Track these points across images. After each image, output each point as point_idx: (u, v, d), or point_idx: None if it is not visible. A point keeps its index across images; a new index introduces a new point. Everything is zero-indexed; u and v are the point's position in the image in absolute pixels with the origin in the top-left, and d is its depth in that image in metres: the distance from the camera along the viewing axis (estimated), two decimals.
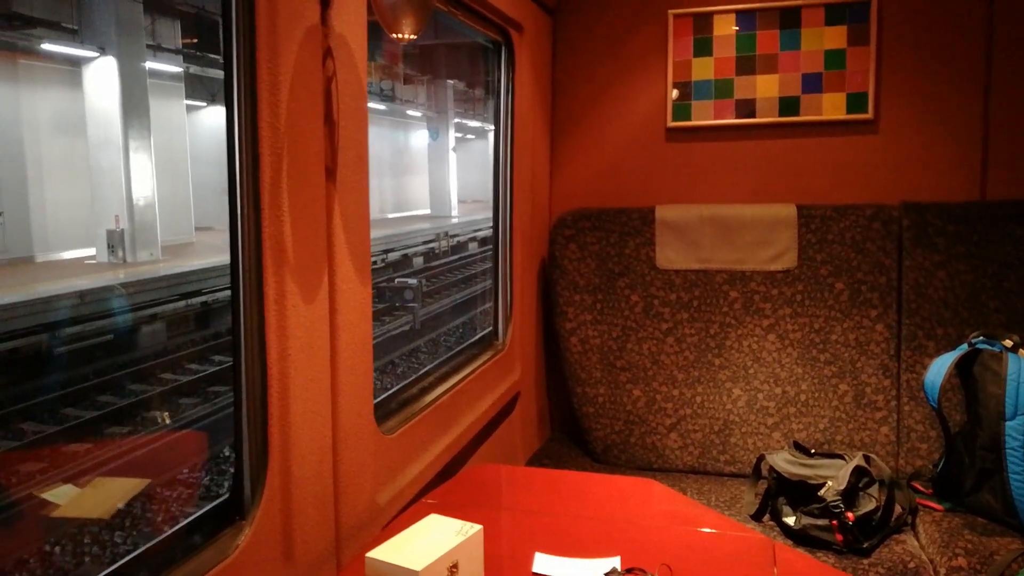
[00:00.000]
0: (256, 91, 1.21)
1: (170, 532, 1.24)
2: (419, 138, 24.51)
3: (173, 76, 14.42)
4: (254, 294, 1.25)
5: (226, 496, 1.27)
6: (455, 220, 21.85)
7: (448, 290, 12.79)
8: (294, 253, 1.27)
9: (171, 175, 14.24)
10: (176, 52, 14.16)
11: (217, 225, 18.15)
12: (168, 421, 6.64)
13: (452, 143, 22.92)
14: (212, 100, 18.03)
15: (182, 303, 9.88)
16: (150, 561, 1.16)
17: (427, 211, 23.52)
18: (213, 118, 17.96)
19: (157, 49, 13.28)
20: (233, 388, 1.28)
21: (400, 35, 1.32)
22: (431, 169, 23.43)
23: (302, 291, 1.30)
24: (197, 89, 16.98)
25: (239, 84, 1.21)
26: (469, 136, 29.52)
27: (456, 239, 18.37)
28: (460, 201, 28.19)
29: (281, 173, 1.24)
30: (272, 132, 1.22)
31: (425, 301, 11.24)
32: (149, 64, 12.57)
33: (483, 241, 19.37)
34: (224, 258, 11.63)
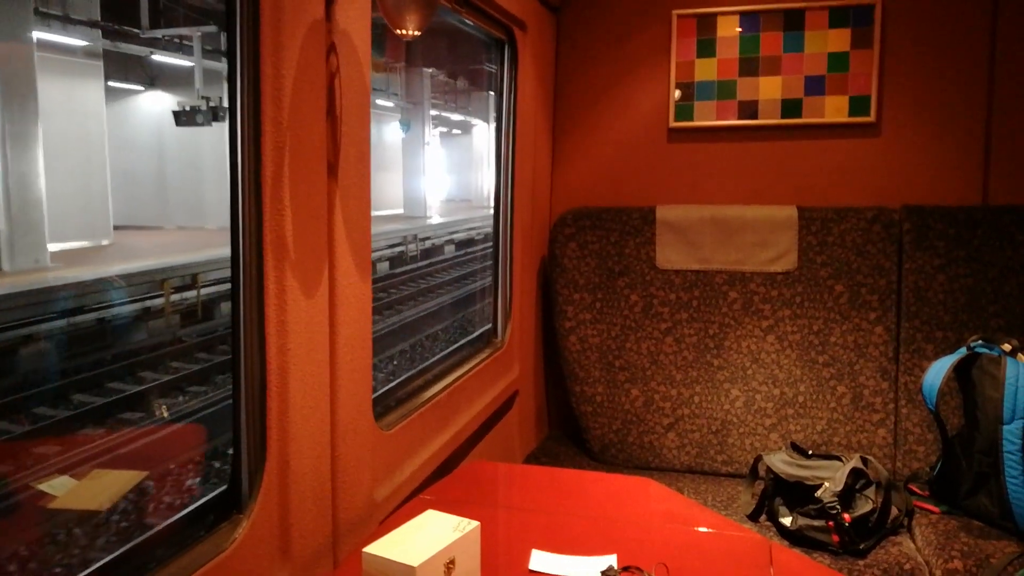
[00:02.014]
0: (259, 85, 1.21)
1: (166, 525, 1.24)
2: (393, 131, 22.33)
3: (89, 53, 12.26)
4: (254, 288, 1.25)
5: (223, 489, 1.28)
6: (432, 221, 20.11)
7: (407, 303, 11.05)
8: (295, 248, 1.27)
9: (84, 167, 12.38)
10: (92, 25, 11.82)
11: (167, 224, 16.20)
12: None
13: (427, 137, 21.01)
14: (152, 84, 16.13)
15: (63, 321, 8.07)
16: (146, 555, 1.16)
17: (400, 211, 21.61)
18: (153, 104, 16.13)
19: (67, 21, 11.29)
20: (232, 382, 1.28)
21: (404, 31, 1.33)
22: (405, 165, 21.46)
23: (302, 286, 1.30)
24: (134, 71, 15.36)
25: (242, 78, 1.22)
26: (456, 131, 28.09)
27: (430, 242, 16.86)
28: (447, 199, 26.30)
29: (283, 168, 1.24)
30: (275, 127, 1.22)
31: (376, 317, 10.01)
32: (48, 37, 10.66)
33: (460, 244, 17.82)
34: (142, 263, 10.05)
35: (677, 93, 2.71)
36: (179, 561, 1.13)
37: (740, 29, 2.64)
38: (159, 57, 13.98)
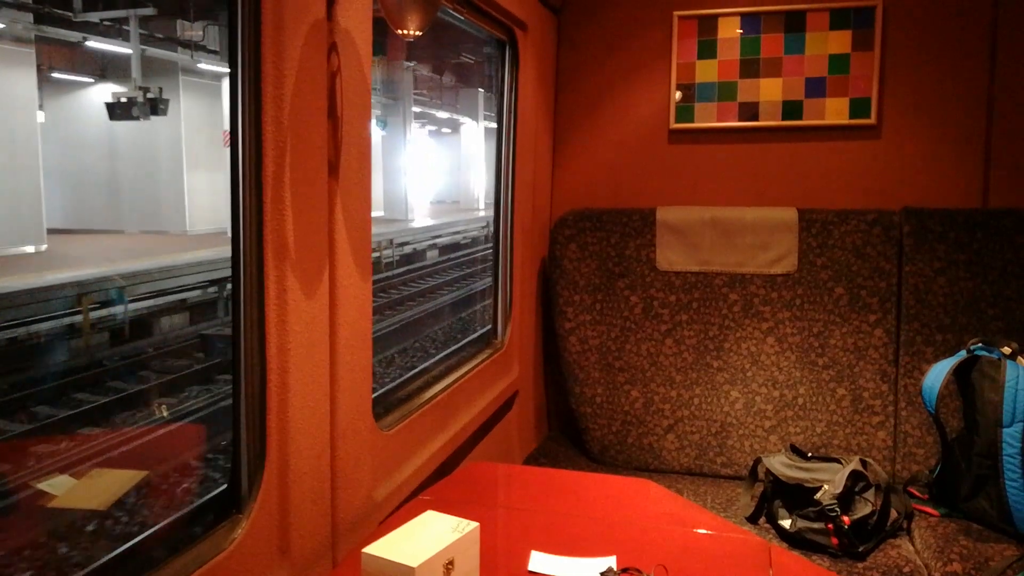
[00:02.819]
0: (260, 85, 1.21)
1: (165, 525, 1.24)
2: (372, 130, 22.02)
3: (19, 40, 11.17)
4: (254, 288, 1.25)
5: (223, 489, 1.28)
6: (414, 224, 19.13)
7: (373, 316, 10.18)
8: (295, 248, 1.27)
9: (9, 165, 11.37)
10: (18, 7, 10.78)
11: (129, 228, 14.96)
12: None
13: (409, 135, 20.05)
14: (103, 75, 14.61)
15: None
16: (145, 554, 1.16)
17: (380, 213, 20.50)
18: (104, 97, 14.24)
19: None
20: (232, 382, 1.28)
21: (405, 31, 1.32)
22: (386, 165, 20.49)
23: (303, 286, 1.30)
24: (84, 61, 14.22)
25: (243, 77, 1.22)
26: (445, 130, 27.52)
27: (411, 247, 15.93)
28: (436, 201, 25.29)
29: (284, 167, 1.24)
30: (275, 126, 1.22)
31: None
32: None
33: (445, 249, 16.93)
34: (69, 273, 8.93)
35: (678, 94, 2.71)
36: (178, 561, 1.13)
37: (741, 31, 2.65)
38: (94, 43, 12.56)
